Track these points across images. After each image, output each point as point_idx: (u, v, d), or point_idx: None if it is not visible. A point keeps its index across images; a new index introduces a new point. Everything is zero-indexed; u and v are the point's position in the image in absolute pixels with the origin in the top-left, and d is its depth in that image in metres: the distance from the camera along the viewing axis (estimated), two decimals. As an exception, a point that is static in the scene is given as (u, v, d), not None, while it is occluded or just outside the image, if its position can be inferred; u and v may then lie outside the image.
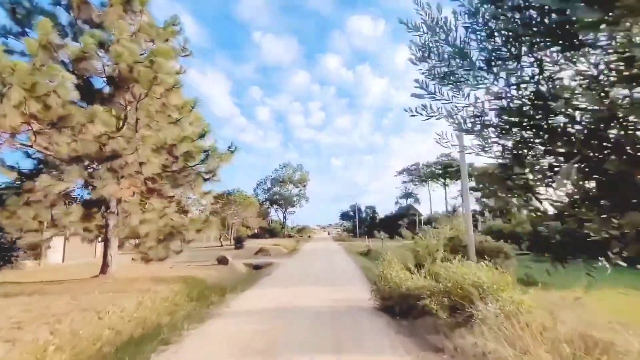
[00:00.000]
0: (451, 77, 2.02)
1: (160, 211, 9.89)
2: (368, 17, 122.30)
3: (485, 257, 10.62)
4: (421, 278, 6.52)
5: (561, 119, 1.66)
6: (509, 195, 2.02)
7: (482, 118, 1.97)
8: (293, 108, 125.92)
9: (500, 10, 1.77)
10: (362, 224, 62.32)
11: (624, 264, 1.59)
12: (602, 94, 1.48)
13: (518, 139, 1.95)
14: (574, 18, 1.42)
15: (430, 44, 2.08)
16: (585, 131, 1.60)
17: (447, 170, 60.02)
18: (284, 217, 67.56)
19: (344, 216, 76.35)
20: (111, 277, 10.45)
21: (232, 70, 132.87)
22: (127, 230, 8.26)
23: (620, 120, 1.48)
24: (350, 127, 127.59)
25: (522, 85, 1.80)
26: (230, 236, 34.56)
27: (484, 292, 4.69)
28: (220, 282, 11.20)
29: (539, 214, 1.87)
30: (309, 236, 69.32)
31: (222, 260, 15.24)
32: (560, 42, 1.60)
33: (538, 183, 1.93)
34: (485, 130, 1.99)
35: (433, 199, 65.22)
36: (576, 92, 1.57)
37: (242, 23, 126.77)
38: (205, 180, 11.03)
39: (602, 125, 1.52)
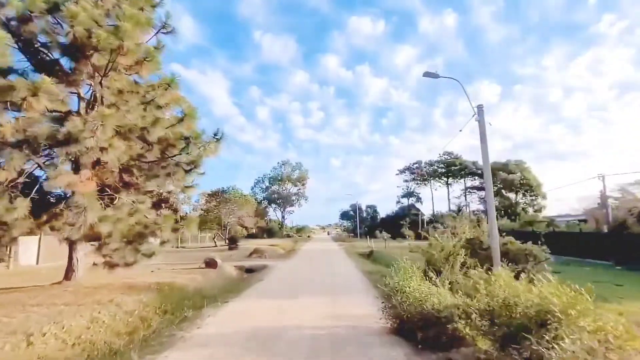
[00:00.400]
0: None
1: (132, 207, 8.42)
2: (367, 17, 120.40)
3: (510, 261, 9.21)
4: (446, 291, 5.05)
5: None
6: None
7: None
8: (292, 108, 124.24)
9: None
10: (362, 224, 60.83)
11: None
12: None
13: None
14: None
15: None
16: None
17: (450, 169, 58.58)
18: (283, 217, 66.11)
19: (344, 215, 74.87)
20: (75, 284, 9.01)
21: (231, 69, 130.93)
22: (82, 228, 6.81)
23: None
24: (349, 127, 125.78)
25: None
26: (225, 236, 33.06)
27: (554, 319, 3.22)
28: (203, 289, 9.73)
29: None
30: (308, 236, 67.83)
31: (211, 263, 13.76)
32: None
33: None
34: None
35: (435, 198, 63.74)
36: None
37: (242, 23, 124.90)
38: (186, 172, 9.55)
39: None
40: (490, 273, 6.93)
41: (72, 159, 7.68)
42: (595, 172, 29.90)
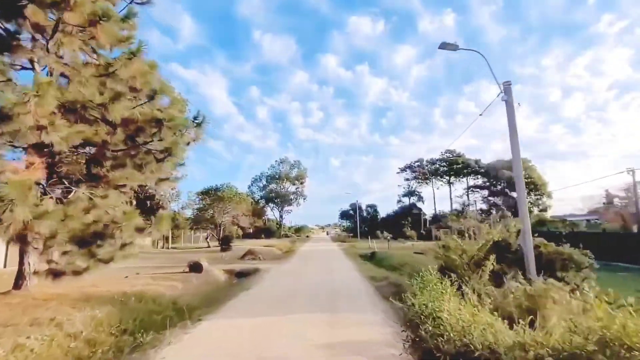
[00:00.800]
0: None
1: (89, 202, 6.94)
2: (367, 17, 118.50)
3: (543, 267, 7.75)
4: (496, 318, 3.57)
5: None
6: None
7: None
8: (292, 108, 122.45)
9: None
10: (362, 224, 59.28)
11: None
12: None
13: None
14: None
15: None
16: None
17: (452, 167, 57.16)
18: (281, 216, 64.50)
19: (344, 215, 73.30)
20: (25, 294, 7.52)
21: (231, 69, 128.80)
22: (12, 227, 5.33)
23: None
24: (349, 127, 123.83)
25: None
26: (218, 236, 31.50)
27: None
28: (180, 299, 8.23)
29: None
30: (307, 236, 66.38)
31: (195, 267, 12.25)
32: None
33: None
34: None
35: (437, 197, 62.28)
36: None
37: (242, 23, 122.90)
38: (159, 161, 8.06)
39: None
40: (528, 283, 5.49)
41: (9, 142, 6.19)
42: (595, 172, 28.45)
